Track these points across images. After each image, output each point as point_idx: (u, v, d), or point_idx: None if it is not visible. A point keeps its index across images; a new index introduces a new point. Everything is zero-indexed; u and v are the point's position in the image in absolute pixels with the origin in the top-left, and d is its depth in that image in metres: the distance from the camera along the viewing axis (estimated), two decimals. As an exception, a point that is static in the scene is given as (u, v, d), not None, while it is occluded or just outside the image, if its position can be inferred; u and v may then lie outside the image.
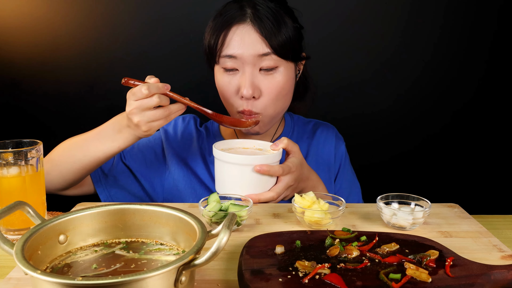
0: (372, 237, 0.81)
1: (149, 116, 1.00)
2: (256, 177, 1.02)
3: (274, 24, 1.10)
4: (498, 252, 0.82)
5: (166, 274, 0.54)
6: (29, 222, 0.87)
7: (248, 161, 1.02)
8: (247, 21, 1.10)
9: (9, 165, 0.87)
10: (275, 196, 1.04)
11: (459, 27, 1.77)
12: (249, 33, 1.09)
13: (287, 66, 1.14)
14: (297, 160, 1.07)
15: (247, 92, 1.11)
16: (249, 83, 1.11)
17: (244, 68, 1.11)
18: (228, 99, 1.16)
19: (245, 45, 1.09)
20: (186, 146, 1.28)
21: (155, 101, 0.99)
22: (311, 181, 1.12)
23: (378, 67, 1.81)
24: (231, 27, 1.10)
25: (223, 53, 1.11)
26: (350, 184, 1.30)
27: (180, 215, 0.70)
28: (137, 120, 1.00)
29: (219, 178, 1.07)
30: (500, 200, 1.90)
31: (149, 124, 1.01)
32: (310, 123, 1.36)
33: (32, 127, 1.82)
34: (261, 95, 1.13)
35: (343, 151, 1.32)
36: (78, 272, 0.65)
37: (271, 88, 1.13)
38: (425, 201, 0.92)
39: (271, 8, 1.11)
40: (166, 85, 1.02)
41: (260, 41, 1.09)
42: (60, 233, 0.69)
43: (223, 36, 1.11)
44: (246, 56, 1.09)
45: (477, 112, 1.85)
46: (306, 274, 0.68)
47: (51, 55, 1.75)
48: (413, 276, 0.68)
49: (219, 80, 1.17)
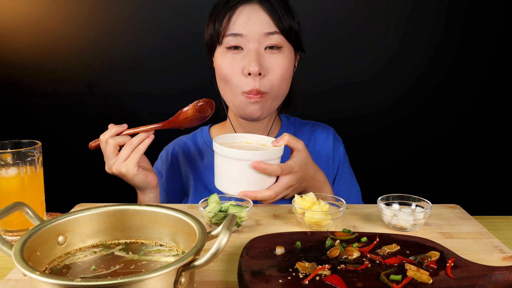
0: (372, 238, 0.81)
1: (118, 158, 1.06)
2: (254, 173, 0.99)
3: (282, 5, 1.11)
4: (499, 253, 0.81)
5: (165, 275, 0.54)
6: (28, 223, 0.86)
7: (246, 157, 0.98)
8: (254, 1, 1.11)
9: (8, 166, 0.87)
10: (273, 196, 1.00)
11: (460, 27, 1.78)
12: (256, 12, 1.10)
13: (290, 49, 1.15)
14: (301, 160, 1.04)
15: (254, 69, 1.09)
16: (256, 59, 1.09)
17: (249, 46, 1.11)
18: (231, 80, 1.13)
19: (252, 23, 1.09)
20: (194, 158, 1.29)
21: (111, 143, 1.06)
22: (316, 181, 1.09)
23: (379, 67, 1.81)
24: (237, 7, 1.11)
25: (228, 32, 1.11)
26: (349, 186, 1.29)
27: (179, 216, 0.70)
28: (114, 167, 1.06)
29: (218, 173, 1.04)
30: (501, 200, 1.90)
31: (124, 164, 1.06)
32: (307, 125, 1.35)
33: (31, 127, 1.82)
34: (267, 73, 1.12)
35: (341, 152, 1.31)
36: (77, 273, 0.65)
37: (277, 66, 1.12)
38: (426, 202, 0.92)
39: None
40: (120, 126, 1.09)
41: (268, 19, 1.10)
42: (59, 234, 0.69)
43: (229, 16, 1.11)
44: (253, 33, 1.09)
45: (478, 113, 1.85)
46: (307, 275, 0.68)
47: (50, 55, 1.75)
48: (414, 277, 0.67)
49: (221, 62, 1.14)
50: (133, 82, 1.81)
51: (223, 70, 1.14)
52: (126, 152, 1.06)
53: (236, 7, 1.11)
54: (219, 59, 1.15)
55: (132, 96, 1.83)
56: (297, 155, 1.04)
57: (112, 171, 1.07)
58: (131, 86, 1.81)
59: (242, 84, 1.12)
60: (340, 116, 1.83)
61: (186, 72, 1.75)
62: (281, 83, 1.15)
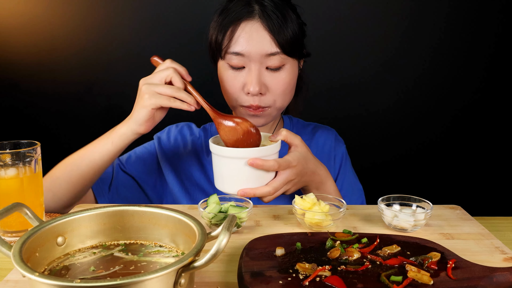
0: (373, 239, 0.81)
1: (156, 87, 1.01)
2: (252, 171, 0.98)
3: (282, 20, 1.09)
4: (500, 254, 0.81)
5: (165, 277, 0.54)
6: (27, 224, 0.86)
7: (242, 154, 0.97)
8: (256, 17, 1.09)
9: (6, 166, 0.86)
10: (272, 191, 0.99)
11: (460, 27, 1.78)
12: (257, 30, 1.09)
13: (292, 63, 1.15)
14: (299, 154, 1.03)
15: (254, 89, 1.10)
16: (256, 80, 1.10)
17: (250, 65, 1.11)
18: (232, 94, 1.15)
19: (253, 43, 1.09)
20: (180, 151, 1.28)
21: (169, 72, 1.01)
22: (318, 175, 1.08)
23: (379, 67, 1.81)
24: (239, 24, 1.10)
25: (230, 50, 1.11)
26: (352, 186, 1.29)
27: (179, 216, 0.70)
28: (144, 87, 1.02)
29: (217, 173, 1.04)
30: (502, 201, 1.90)
31: (153, 96, 1.01)
32: (309, 126, 1.35)
33: (30, 128, 1.82)
34: (267, 91, 1.13)
35: (343, 152, 1.31)
36: (76, 274, 0.65)
37: (278, 85, 1.13)
38: (427, 202, 0.92)
39: (277, 3, 1.11)
40: (189, 75, 1.05)
41: (268, 39, 1.09)
42: (58, 235, 0.69)
43: (231, 32, 1.10)
44: (254, 54, 1.09)
45: (479, 113, 1.85)
46: (307, 276, 0.67)
47: (49, 55, 1.75)
48: (415, 278, 0.67)
49: (223, 75, 1.16)
50: (132, 83, 1.80)
51: (224, 84, 1.16)
52: (165, 91, 1.01)
53: (238, 23, 1.10)
54: (221, 70, 1.16)
55: (131, 96, 1.81)
56: (295, 149, 1.04)
57: (140, 88, 1.04)
58: (130, 87, 1.80)
59: (242, 100, 1.14)
60: (340, 116, 1.83)
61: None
62: (284, 97, 1.16)
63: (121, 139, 1.07)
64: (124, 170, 1.24)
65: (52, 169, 1.14)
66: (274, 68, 1.11)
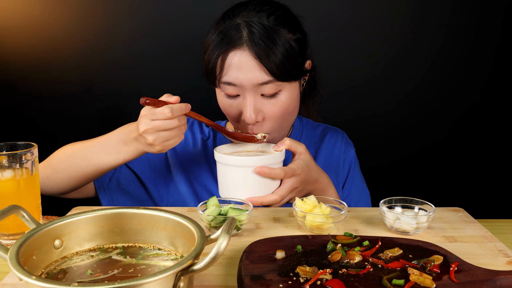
0: (374, 242, 0.80)
1: (165, 136, 0.97)
2: (258, 179, 1.00)
3: (271, 46, 1.04)
4: (503, 257, 0.81)
5: (164, 280, 0.53)
6: (23, 226, 0.85)
7: (248, 163, 1.00)
8: (244, 45, 1.04)
9: (3, 168, 0.86)
10: (279, 199, 1.01)
11: (464, 28, 1.77)
12: (246, 59, 1.04)
13: (290, 87, 1.10)
14: (303, 162, 1.04)
15: (250, 118, 1.07)
16: (252, 109, 1.07)
17: (245, 94, 1.08)
18: (231, 121, 1.15)
19: (243, 73, 1.05)
20: (190, 150, 1.27)
21: (175, 123, 0.96)
22: (320, 183, 1.09)
23: (382, 69, 1.80)
24: (229, 52, 1.05)
25: (222, 79, 1.07)
26: (359, 191, 1.28)
27: (178, 219, 0.69)
28: (152, 139, 0.97)
29: (222, 182, 1.06)
30: (506, 204, 1.90)
31: (164, 144, 0.98)
32: (319, 127, 1.34)
33: (27, 129, 1.81)
34: (265, 118, 1.10)
35: (352, 156, 1.30)
36: (74, 277, 0.64)
37: (275, 111, 1.09)
38: (429, 205, 0.91)
39: (266, 27, 1.05)
40: (187, 105, 0.99)
41: (258, 68, 1.04)
42: (56, 237, 0.68)
43: (221, 60, 1.06)
44: (246, 84, 1.06)
45: (483, 115, 1.85)
46: (308, 279, 0.67)
47: (46, 56, 1.75)
48: (417, 281, 0.67)
49: (220, 101, 1.14)
50: (131, 84, 1.80)
51: (223, 109, 1.15)
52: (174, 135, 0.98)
53: (227, 52, 1.06)
54: (219, 97, 1.14)
55: (130, 97, 1.81)
56: (299, 157, 1.05)
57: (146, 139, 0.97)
58: (129, 88, 1.80)
59: (242, 127, 1.13)
60: (342, 119, 1.82)
61: (184, 74, 1.74)
62: (282, 122, 1.13)
63: (131, 155, 1.06)
64: (128, 165, 1.23)
65: (51, 158, 1.14)
66: (269, 95, 1.08)
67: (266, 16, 1.06)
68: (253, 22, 1.05)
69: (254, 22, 1.05)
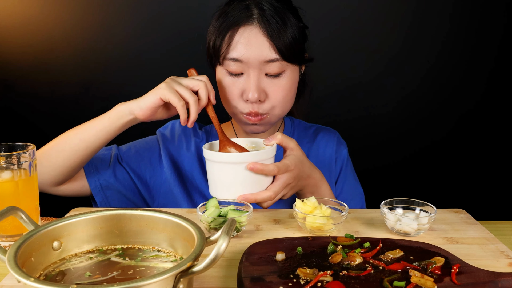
0: (375, 243, 0.80)
1: (178, 86, 1.03)
2: (250, 175, 0.97)
3: (281, 25, 1.08)
4: (505, 259, 0.80)
5: (163, 282, 0.53)
6: (22, 228, 0.85)
7: (241, 159, 0.97)
8: (254, 22, 1.07)
9: (1, 169, 0.86)
10: (273, 196, 0.99)
11: (465, 28, 1.78)
12: (256, 35, 1.07)
13: (292, 70, 1.13)
14: (295, 157, 1.03)
15: (253, 96, 1.09)
16: (255, 87, 1.09)
17: (249, 72, 1.09)
18: (230, 101, 1.14)
19: (252, 49, 1.07)
20: (182, 149, 1.26)
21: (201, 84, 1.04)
22: (312, 179, 1.08)
23: (382, 68, 1.81)
24: (238, 29, 1.08)
25: (228, 56, 1.09)
26: (352, 189, 1.28)
27: (177, 221, 0.69)
28: (168, 79, 1.05)
29: (212, 180, 1.03)
30: (507, 205, 1.90)
31: (169, 89, 1.02)
32: (311, 128, 1.34)
33: (25, 130, 1.81)
34: (267, 98, 1.12)
35: (344, 155, 1.30)
36: (72, 279, 0.64)
37: (277, 91, 1.11)
38: (431, 206, 0.91)
39: (276, 7, 1.09)
40: (214, 99, 1.08)
41: (267, 44, 1.07)
42: (54, 239, 0.68)
43: (229, 37, 1.09)
44: (252, 60, 1.08)
45: (484, 116, 1.85)
46: (308, 281, 0.67)
47: (45, 56, 1.75)
48: (418, 283, 0.67)
49: (222, 81, 1.15)
50: (129, 84, 1.80)
51: (223, 90, 1.15)
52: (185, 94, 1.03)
53: (237, 28, 1.08)
54: (219, 76, 1.15)
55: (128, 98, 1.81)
56: (291, 153, 1.04)
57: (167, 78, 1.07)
58: (127, 88, 1.80)
59: (241, 107, 1.13)
60: (342, 119, 1.83)
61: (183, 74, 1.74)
62: (283, 104, 1.15)
63: (117, 116, 1.07)
64: (121, 162, 1.23)
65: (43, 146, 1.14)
66: (273, 74, 1.10)
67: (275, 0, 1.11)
68: (264, 2, 1.10)
69: (265, 2, 1.09)
